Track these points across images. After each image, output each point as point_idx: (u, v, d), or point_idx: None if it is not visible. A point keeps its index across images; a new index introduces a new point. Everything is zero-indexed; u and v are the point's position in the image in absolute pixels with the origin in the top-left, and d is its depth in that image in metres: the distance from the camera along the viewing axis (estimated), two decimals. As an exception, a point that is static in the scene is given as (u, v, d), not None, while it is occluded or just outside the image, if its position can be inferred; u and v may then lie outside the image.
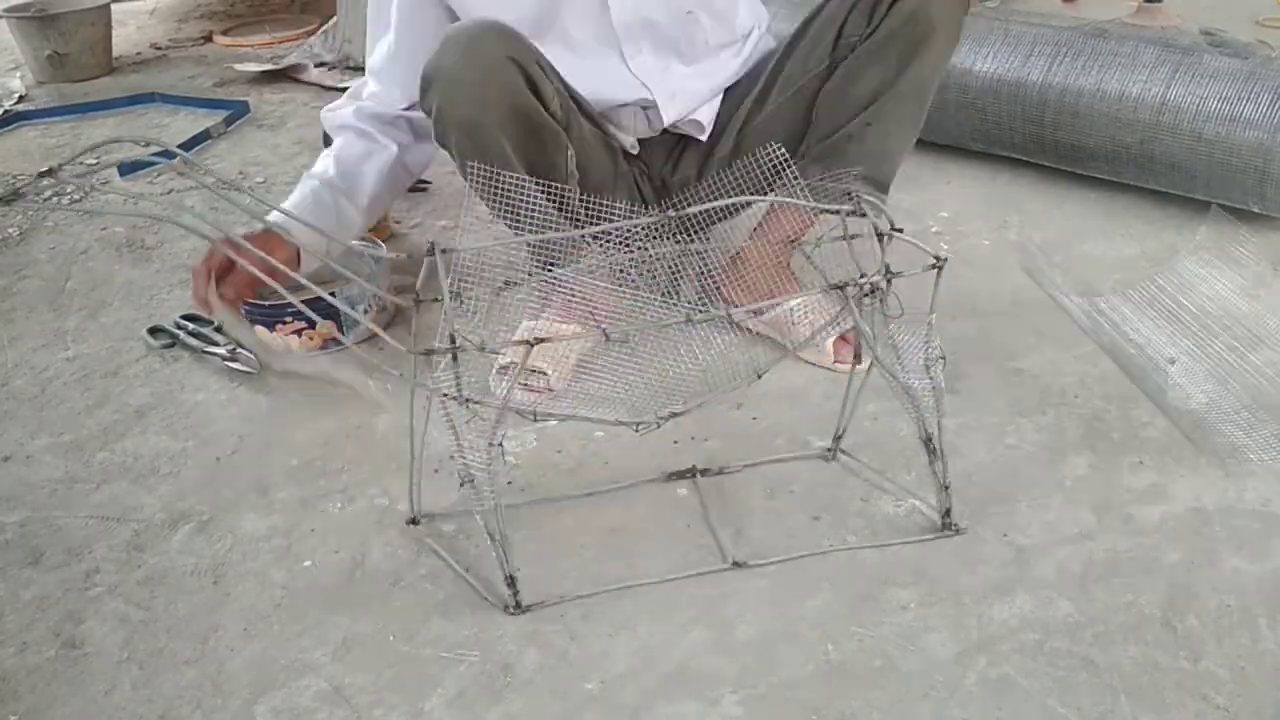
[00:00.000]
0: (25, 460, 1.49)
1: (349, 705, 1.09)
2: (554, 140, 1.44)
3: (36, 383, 1.67)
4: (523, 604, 1.19)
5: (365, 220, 1.59)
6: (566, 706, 1.08)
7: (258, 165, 2.45)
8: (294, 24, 3.51)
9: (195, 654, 1.16)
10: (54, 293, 1.93)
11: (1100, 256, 1.90)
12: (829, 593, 1.20)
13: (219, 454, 1.48)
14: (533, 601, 1.19)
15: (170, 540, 1.33)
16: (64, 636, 1.19)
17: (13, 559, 1.31)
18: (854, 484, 1.37)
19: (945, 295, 1.78)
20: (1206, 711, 1.05)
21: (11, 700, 1.12)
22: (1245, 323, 1.63)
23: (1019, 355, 1.62)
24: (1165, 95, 1.95)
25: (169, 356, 1.71)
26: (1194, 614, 1.16)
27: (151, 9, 3.82)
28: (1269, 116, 1.86)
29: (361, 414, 1.53)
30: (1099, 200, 2.09)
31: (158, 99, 2.89)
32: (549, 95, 1.40)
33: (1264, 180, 1.88)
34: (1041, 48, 2.11)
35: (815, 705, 1.07)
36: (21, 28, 3.06)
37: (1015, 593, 1.19)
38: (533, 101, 1.38)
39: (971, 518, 1.30)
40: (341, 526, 1.33)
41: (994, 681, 1.09)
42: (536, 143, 1.42)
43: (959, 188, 2.16)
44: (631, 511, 1.33)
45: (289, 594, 1.24)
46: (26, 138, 2.69)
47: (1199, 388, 1.50)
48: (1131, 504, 1.32)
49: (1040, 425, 1.46)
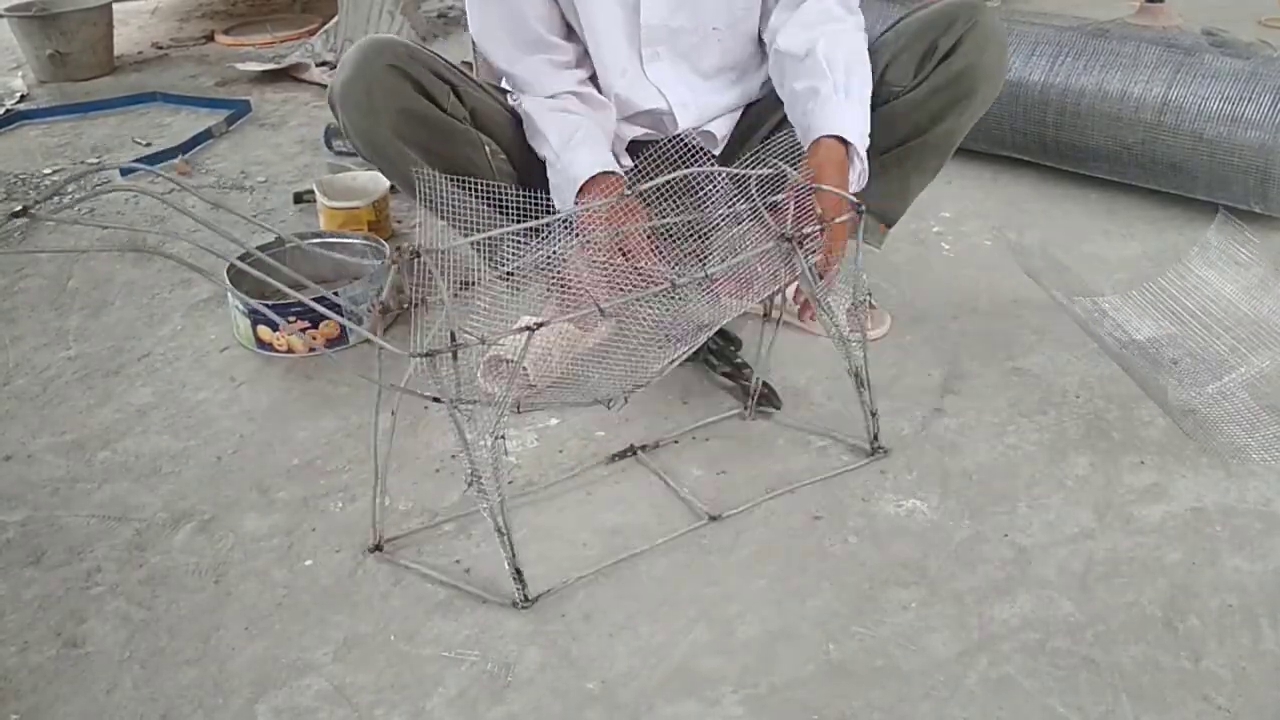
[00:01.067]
0: (27, 459, 1.49)
1: (350, 704, 1.09)
2: (462, 137, 1.48)
3: (38, 382, 1.67)
4: (530, 596, 1.19)
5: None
6: (567, 706, 1.08)
7: (259, 165, 2.45)
8: (295, 23, 3.51)
9: (197, 653, 1.16)
10: (55, 292, 1.93)
11: (1102, 256, 1.90)
12: (829, 592, 1.20)
13: (220, 453, 1.48)
14: (540, 592, 1.20)
15: (172, 539, 1.33)
16: (65, 635, 1.19)
17: (14, 558, 1.31)
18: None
19: (946, 295, 1.79)
20: (1208, 711, 1.05)
21: (13, 699, 1.12)
22: (1247, 323, 1.63)
23: (1020, 355, 1.62)
24: (1167, 95, 1.95)
25: (170, 356, 1.71)
26: (1195, 614, 1.16)
27: (153, 8, 3.82)
28: (1271, 117, 1.86)
29: (363, 413, 1.53)
30: (1100, 200, 2.09)
31: (159, 98, 2.89)
32: (440, 94, 1.45)
33: (1266, 181, 1.88)
34: (1043, 48, 2.10)
35: (816, 705, 1.07)
36: (23, 27, 3.06)
37: (1016, 592, 1.19)
38: (422, 102, 1.44)
39: (972, 517, 1.30)
40: (343, 526, 1.33)
41: (995, 681, 1.09)
42: (444, 142, 1.47)
43: (960, 188, 2.16)
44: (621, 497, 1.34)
45: (290, 593, 1.24)
46: (28, 137, 2.69)
47: (1201, 388, 1.50)
48: (1133, 504, 1.32)
49: (1041, 425, 1.46)
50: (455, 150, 1.48)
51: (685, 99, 1.53)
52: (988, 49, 1.44)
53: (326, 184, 2.04)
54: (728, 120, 1.59)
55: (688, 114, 1.53)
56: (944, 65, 1.44)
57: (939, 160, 1.55)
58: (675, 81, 1.52)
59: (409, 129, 1.44)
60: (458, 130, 1.48)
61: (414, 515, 1.35)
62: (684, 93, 1.53)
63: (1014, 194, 2.14)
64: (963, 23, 1.43)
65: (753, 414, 1.50)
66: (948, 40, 1.44)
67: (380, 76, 1.41)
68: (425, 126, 1.45)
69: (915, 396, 1.53)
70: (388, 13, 3.02)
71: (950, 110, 1.47)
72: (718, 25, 1.50)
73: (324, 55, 3.09)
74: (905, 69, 1.47)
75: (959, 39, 1.43)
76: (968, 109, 1.48)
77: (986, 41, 1.44)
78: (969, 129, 1.52)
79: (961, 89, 1.45)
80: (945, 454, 1.42)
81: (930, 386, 1.55)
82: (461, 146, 1.49)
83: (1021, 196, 2.13)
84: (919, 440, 1.44)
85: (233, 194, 2.30)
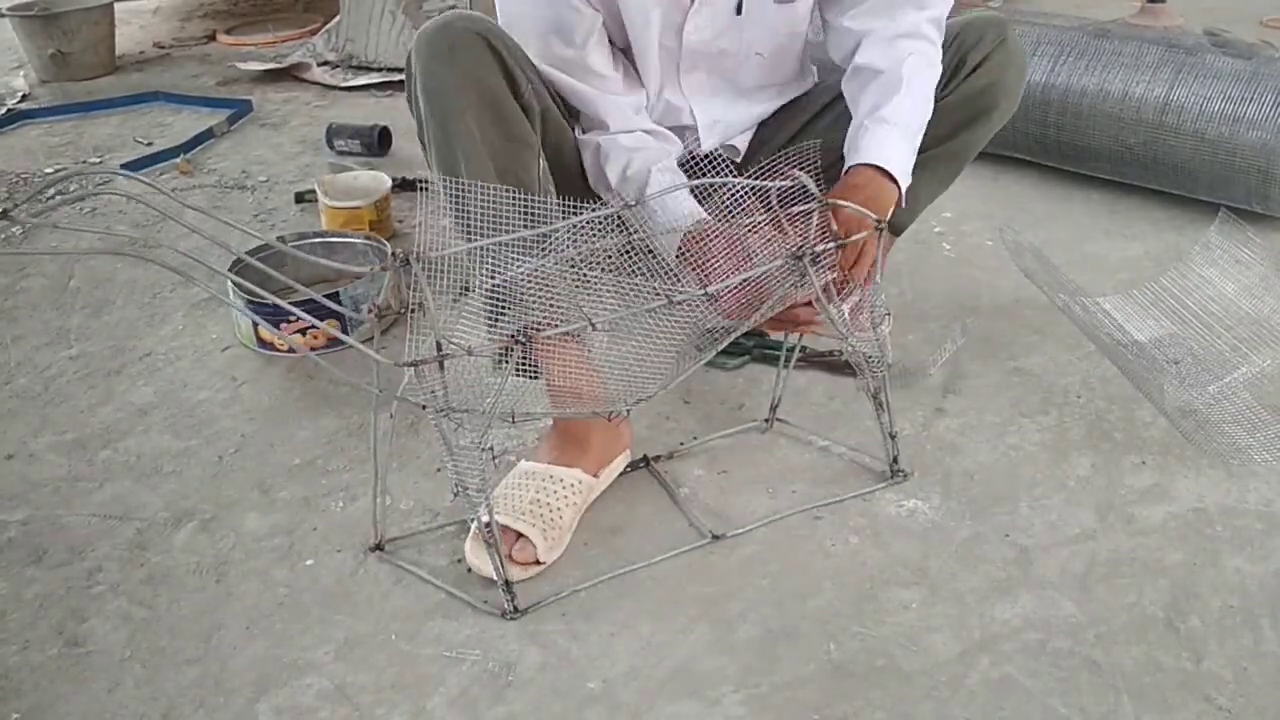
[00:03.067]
0: (28, 458, 1.49)
1: (351, 704, 1.10)
2: (524, 139, 1.32)
3: (40, 381, 1.67)
4: (519, 608, 1.19)
5: None
6: (568, 706, 1.08)
7: (260, 164, 2.45)
8: (297, 23, 3.51)
9: (198, 652, 1.16)
10: (57, 291, 1.93)
11: (1104, 257, 1.90)
12: (830, 592, 1.20)
13: (221, 453, 1.48)
14: (530, 604, 1.20)
15: (173, 539, 1.33)
16: (67, 635, 1.19)
17: (16, 557, 1.31)
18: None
19: (947, 295, 1.79)
20: (1209, 712, 1.05)
21: (14, 698, 1.12)
22: (1249, 322, 1.63)
23: (1021, 355, 1.62)
24: (1168, 96, 1.95)
25: (171, 355, 1.71)
26: (1196, 614, 1.16)
27: (155, 8, 3.83)
28: (1272, 117, 1.86)
29: (364, 413, 1.54)
30: (1102, 200, 2.09)
31: (161, 98, 2.89)
32: (520, 80, 1.30)
33: (1267, 181, 1.88)
34: (1045, 48, 2.10)
35: (817, 705, 1.07)
36: (25, 26, 3.06)
37: (1017, 593, 1.19)
38: (501, 82, 1.28)
39: (974, 518, 1.30)
40: (344, 525, 1.33)
41: (996, 681, 1.09)
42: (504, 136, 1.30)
43: (962, 188, 2.14)
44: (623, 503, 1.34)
45: (291, 593, 1.24)
46: (30, 136, 2.69)
47: (1202, 388, 1.49)
48: (1134, 504, 1.32)
49: (1043, 425, 1.46)
50: (513, 151, 1.32)
51: (716, 117, 1.49)
52: (1010, 67, 1.46)
53: (328, 183, 2.04)
54: (748, 132, 1.58)
55: (714, 133, 1.50)
56: (970, 80, 1.45)
57: (952, 173, 1.55)
58: (710, 98, 1.48)
59: (479, 107, 1.27)
60: (524, 129, 1.33)
61: (415, 515, 1.35)
62: (716, 110, 1.49)
63: (1015, 194, 2.14)
64: (992, 39, 1.44)
65: (771, 424, 1.49)
66: (976, 55, 1.44)
67: (467, 40, 1.26)
68: (494, 110, 1.29)
69: (916, 396, 1.53)
70: (389, 12, 3.02)
71: (970, 124, 1.47)
72: (760, 50, 1.47)
73: (325, 55, 3.09)
74: None
75: (987, 55, 1.44)
76: (986, 124, 1.49)
77: (1010, 60, 1.46)
78: (984, 144, 1.53)
79: (983, 104, 1.46)
80: (946, 454, 1.42)
81: (931, 386, 1.55)
82: (521, 150, 1.32)
83: (1023, 196, 2.13)
84: (920, 440, 1.44)
85: (234, 193, 2.30)
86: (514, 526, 1.25)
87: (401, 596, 1.22)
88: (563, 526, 1.28)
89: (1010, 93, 1.48)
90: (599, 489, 1.36)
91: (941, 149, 1.48)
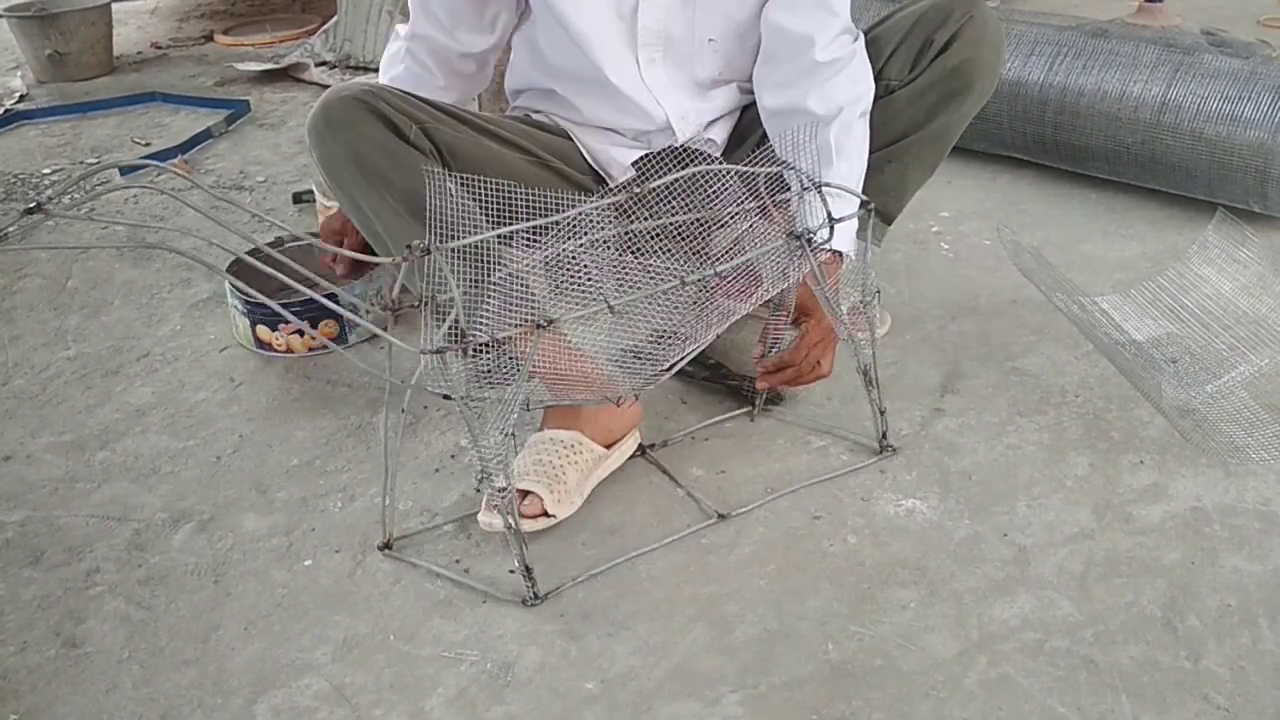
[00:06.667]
0: (26, 459, 1.49)
1: (349, 704, 1.09)
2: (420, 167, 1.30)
3: (37, 382, 1.67)
4: (540, 594, 1.20)
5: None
6: (567, 706, 1.08)
7: (258, 164, 2.45)
8: (295, 23, 3.51)
9: (196, 653, 1.16)
10: (54, 291, 1.93)
11: (1102, 256, 1.90)
12: (829, 592, 1.20)
13: (219, 453, 1.48)
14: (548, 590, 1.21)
15: (171, 539, 1.33)
16: (64, 635, 1.19)
17: (13, 558, 1.31)
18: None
19: (945, 295, 1.79)
20: (1207, 711, 1.05)
21: (12, 699, 1.12)
22: (1247, 322, 1.63)
23: (1019, 355, 1.62)
24: (1166, 95, 1.95)
25: (169, 356, 1.71)
26: (1194, 614, 1.16)
27: (152, 8, 3.82)
28: (1269, 116, 1.86)
29: (362, 413, 1.54)
30: (1100, 200, 2.09)
31: (158, 98, 2.89)
32: (404, 127, 1.34)
33: (1265, 180, 1.88)
34: (1042, 47, 2.10)
35: (815, 705, 1.07)
36: (22, 27, 3.06)
37: (1016, 592, 1.19)
38: (381, 129, 1.32)
39: (972, 517, 1.30)
40: (342, 526, 1.33)
41: (994, 681, 1.09)
42: (407, 179, 1.32)
43: (959, 187, 2.16)
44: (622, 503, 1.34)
45: (289, 593, 1.24)
46: (27, 137, 2.69)
47: (1200, 387, 1.49)
48: (1132, 503, 1.32)
49: (1040, 425, 1.46)
50: (416, 181, 1.30)
51: (685, 108, 1.50)
52: (984, 43, 1.44)
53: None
54: (726, 123, 1.58)
55: (688, 124, 1.50)
56: (940, 59, 1.44)
57: (936, 156, 1.54)
58: (672, 89, 1.49)
59: (372, 167, 1.32)
60: (419, 160, 1.32)
61: (414, 515, 1.35)
62: (684, 103, 1.50)
63: (1013, 194, 2.14)
64: (959, 16, 1.43)
65: (759, 413, 1.50)
66: (944, 34, 1.43)
67: (344, 110, 1.32)
68: (389, 159, 1.33)
69: (915, 396, 1.53)
70: (386, 13, 3.02)
71: (947, 104, 1.46)
72: (713, 37, 1.46)
73: (323, 55, 3.09)
74: (902, 63, 1.47)
75: (955, 33, 1.43)
76: (964, 103, 1.47)
77: (983, 35, 1.44)
78: (966, 124, 1.52)
79: (958, 83, 1.45)
80: (944, 454, 1.42)
81: (930, 386, 1.56)
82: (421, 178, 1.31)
83: (1020, 196, 2.13)
84: (918, 440, 1.44)
85: (232, 194, 2.30)
86: (520, 486, 1.29)
87: (400, 597, 1.22)
88: (568, 484, 1.32)
89: (987, 69, 1.46)
90: (608, 463, 1.38)
91: (920, 134, 1.48)
